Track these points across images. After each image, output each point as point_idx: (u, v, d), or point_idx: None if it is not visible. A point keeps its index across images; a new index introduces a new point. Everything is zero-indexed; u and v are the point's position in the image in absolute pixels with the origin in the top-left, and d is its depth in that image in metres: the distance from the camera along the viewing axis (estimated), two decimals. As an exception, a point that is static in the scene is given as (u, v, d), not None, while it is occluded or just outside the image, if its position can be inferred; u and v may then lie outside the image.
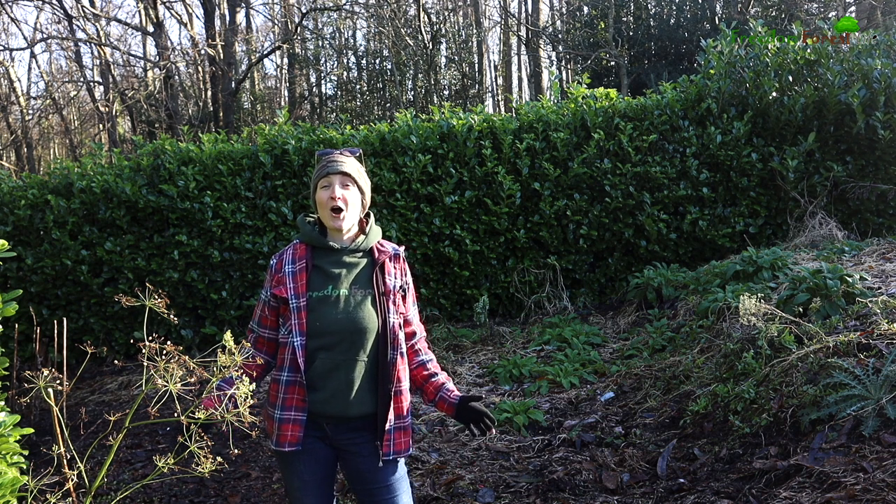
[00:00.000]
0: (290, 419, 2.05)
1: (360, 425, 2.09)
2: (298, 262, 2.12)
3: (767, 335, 3.67)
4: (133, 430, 4.58)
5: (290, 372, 2.06)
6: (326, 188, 2.12)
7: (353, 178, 2.14)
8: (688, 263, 6.61)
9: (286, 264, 2.13)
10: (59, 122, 20.29)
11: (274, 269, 2.15)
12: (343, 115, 11.25)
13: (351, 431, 2.10)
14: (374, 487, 2.11)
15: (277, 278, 2.12)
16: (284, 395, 2.07)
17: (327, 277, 2.09)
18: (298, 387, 2.05)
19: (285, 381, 2.07)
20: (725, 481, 3.02)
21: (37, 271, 6.20)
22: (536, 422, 4.18)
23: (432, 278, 6.52)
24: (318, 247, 2.14)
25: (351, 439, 2.10)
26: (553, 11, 20.93)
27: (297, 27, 16.25)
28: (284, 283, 2.09)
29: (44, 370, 1.56)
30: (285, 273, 2.11)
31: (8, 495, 1.54)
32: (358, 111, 18.44)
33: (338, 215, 2.10)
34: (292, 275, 2.10)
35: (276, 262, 2.16)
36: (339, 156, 2.17)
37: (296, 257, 2.13)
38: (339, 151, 2.20)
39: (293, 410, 2.06)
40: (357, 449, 2.10)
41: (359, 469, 2.12)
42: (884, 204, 6.63)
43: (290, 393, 2.06)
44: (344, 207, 2.10)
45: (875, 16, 13.72)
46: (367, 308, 2.08)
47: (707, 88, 6.68)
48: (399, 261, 2.20)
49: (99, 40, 15.68)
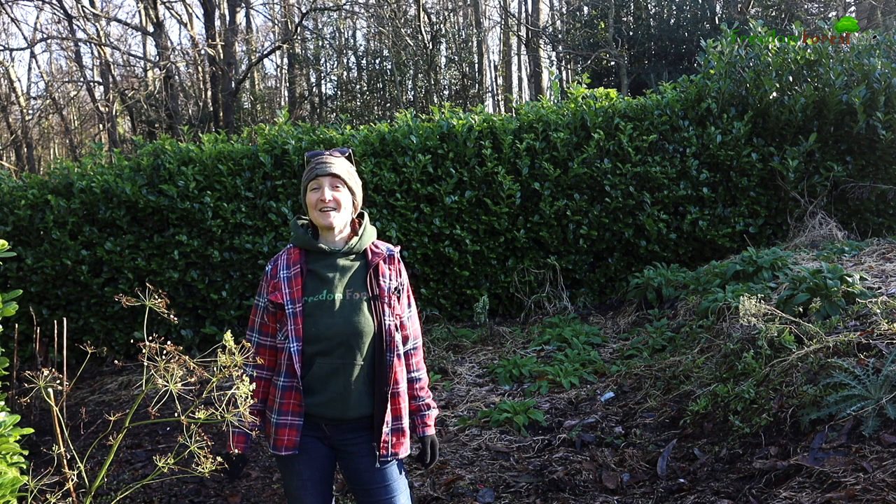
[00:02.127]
0: (286, 424, 2.06)
1: (358, 426, 2.10)
2: (293, 266, 2.11)
3: (767, 335, 3.67)
4: (133, 430, 4.58)
5: (286, 377, 2.06)
6: (316, 190, 2.11)
7: (342, 179, 2.13)
8: (688, 263, 6.61)
9: (281, 269, 2.12)
10: (59, 122, 20.29)
11: (269, 274, 2.13)
12: (343, 115, 11.26)
13: (349, 432, 2.10)
14: (371, 488, 2.11)
15: (273, 284, 2.11)
16: (281, 400, 2.07)
17: (322, 282, 2.09)
18: (295, 392, 2.05)
19: (282, 386, 2.07)
20: (725, 481, 3.02)
21: (37, 271, 6.20)
22: (536, 422, 4.18)
23: (432, 278, 6.52)
24: (311, 250, 2.14)
25: (349, 440, 2.11)
26: (553, 11, 20.94)
27: (297, 27, 16.25)
28: (280, 289, 2.08)
29: (44, 370, 1.56)
30: (280, 278, 2.10)
31: (8, 495, 1.54)
32: (358, 111, 18.44)
33: (328, 214, 2.10)
34: (287, 280, 2.09)
35: (271, 268, 2.14)
36: (328, 157, 2.16)
37: (290, 262, 2.12)
38: (329, 152, 2.18)
39: (290, 415, 2.06)
40: (355, 449, 2.11)
41: (356, 469, 2.12)
42: (884, 204, 6.63)
43: (287, 398, 2.06)
44: (335, 208, 2.10)
45: (875, 16, 13.72)
46: (362, 311, 2.07)
47: (707, 88, 6.68)
48: (394, 262, 2.18)
49: (99, 40, 15.68)
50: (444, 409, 4.60)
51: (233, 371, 1.52)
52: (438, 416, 4.45)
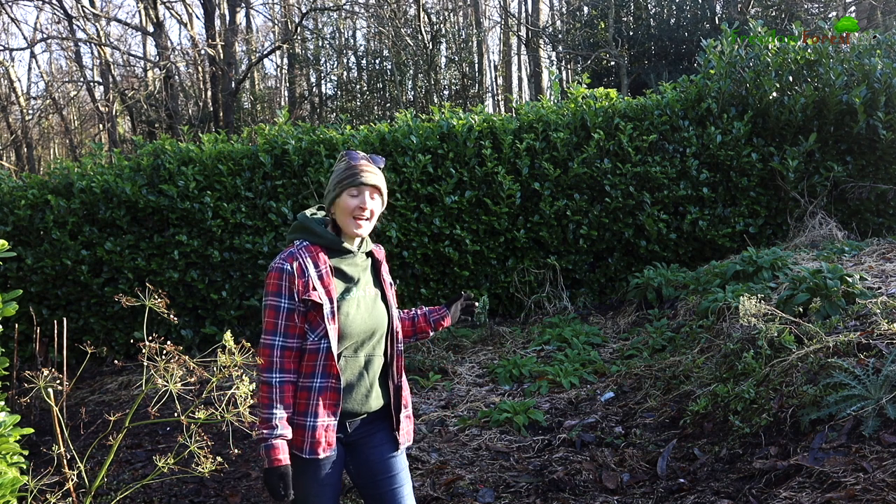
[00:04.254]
0: (324, 425, 2.02)
1: (374, 417, 2.16)
2: (321, 265, 2.07)
3: (767, 335, 3.67)
4: (133, 430, 4.58)
5: (322, 378, 2.02)
6: (356, 197, 2.08)
7: (381, 191, 2.15)
8: (688, 263, 6.61)
9: (308, 268, 2.05)
10: (59, 122, 20.29)
11: (294, 273, 2.02)
12: (343, 115, 11.26)
13: (367, 424, 2.16)
14: (381, 478, 2.16)
15: (303, 283, 2.02)
16: (316, 402, 2.02)
17: (347, 280, 2.12)
18: (331, 392, 2.03)
19: (318, 387, 2.02)
20: (725, 481, 3.02)
21: (37, 271, 6.20)
22: (536, 422, 4.18)
23: (432, 278, 6.53)
24: (333, 249, 2.12)
25: (366, 432, 2.16)
26: (553, 11, 20.95)
27: (297, 27, 16.26)
28: (315, 288, 2.03)
29: (44, 370, 1.56)
30: (311, 277, 2.03)
31: (8, 495, 1.54)
32: (358, 111, 18.44)
33: (360, 223, 2.10)
34: (319, 278, 2.05)
35: (294, 267, 2.03)
36: (372, 165, 2.15)
37: (316, 261, 2.07)
38: (372, 158, 2.16)
39: (327, 416, 2.03)
40: (369, 439, 2.16)
41: (368, 460, 2.16)
42: (884, 204, 6.63)
43: (324, 399, 2.02)
44: (369, 219, 2.12)
45: (875, 16, 13.72)
46: (379, 307, 2.17)
47: (707, 88, 6.68)
48: (385, 258, 2.32)
49: (99, 40, 15.68)
50: (444, 409, 4.60)
51: (233, 371, 1.52)
52: (438, 415, 4.45)
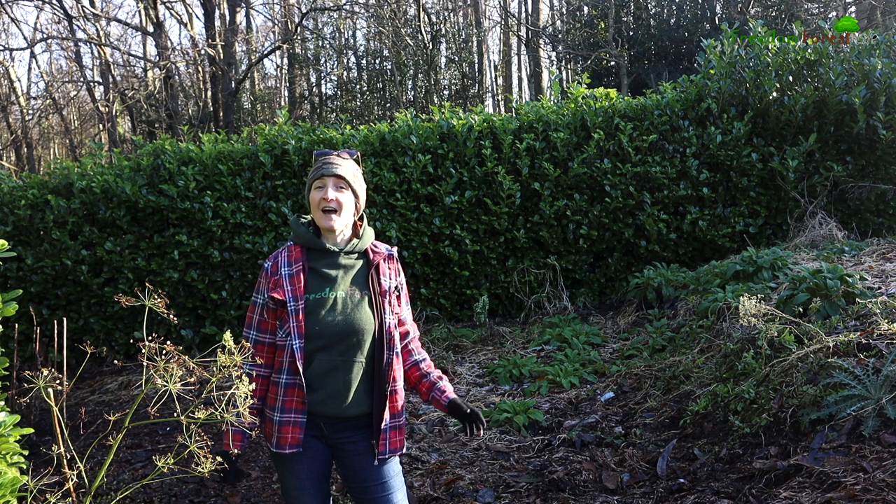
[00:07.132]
0: (290, 421, 2.06)
1: (356, 424, 2.11)
2: (294, 264, 2.11)
3: (767, 335, 3.67)
4: (133, 430, 4.58)
5: (288, 374, 2.06)
6: (320, 189, 2.11)
7: (347, 181, 2.13)
8: (688, 263, 6.61)
9: (282, 267, 2.12)
10: (59, 122, 20.29)
11: (269, 271, 2.12)
12: (343, 115, 11.25)
13: (347, 430, 2.11)
14: (368, 485, 2.12)
15: (274, 281, 2.10)
16: (283, 398, 2.07)
17: (324, 280, 2.10)
18: (297, 389, 2.06)
19: (284, 383, 2.07)
20: (725, 481, 3.01)
21: (37, 271, 6.20)
22: (536, 422, 4.18)
23: (432, 278, 6.52)
24: (312, 249, 2.14)
25: (347, 438, 2.12)
26: (553, 11, 20.94)
27: (297, 27, 16.25)
28: (282, 286, 2.08)
29: (44, 370, 1.56)
30: (282, 276, 2.10)
31: (8, 495, 1.54)
32: (358, 111, 18.43)
33: (329, 216, 2.10)
34: (289, 277, 2.09)
35: (271, 265, 2.13)
36: (336, 157, 2.16)
37: (291, 259, 2.12)
38: (338, 153, 2.18)
39: (293, 413, 2.06)
40: (352, 447, 2.12)
41: (354, 467, 2.13)
42: (884, 204, 6.63)
43: (290, 395, 2.06)
44: (337, 209, 2.10)
45: (875, 16, 13.72)
46: (364, 310, 2.09)
47: (707, 88, 6.68)
48: (393, 261, 2.22)
49: (99, 40, 15.68)
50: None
51: (232, 371, 1.52)
52: (438, 415, 4.45)
